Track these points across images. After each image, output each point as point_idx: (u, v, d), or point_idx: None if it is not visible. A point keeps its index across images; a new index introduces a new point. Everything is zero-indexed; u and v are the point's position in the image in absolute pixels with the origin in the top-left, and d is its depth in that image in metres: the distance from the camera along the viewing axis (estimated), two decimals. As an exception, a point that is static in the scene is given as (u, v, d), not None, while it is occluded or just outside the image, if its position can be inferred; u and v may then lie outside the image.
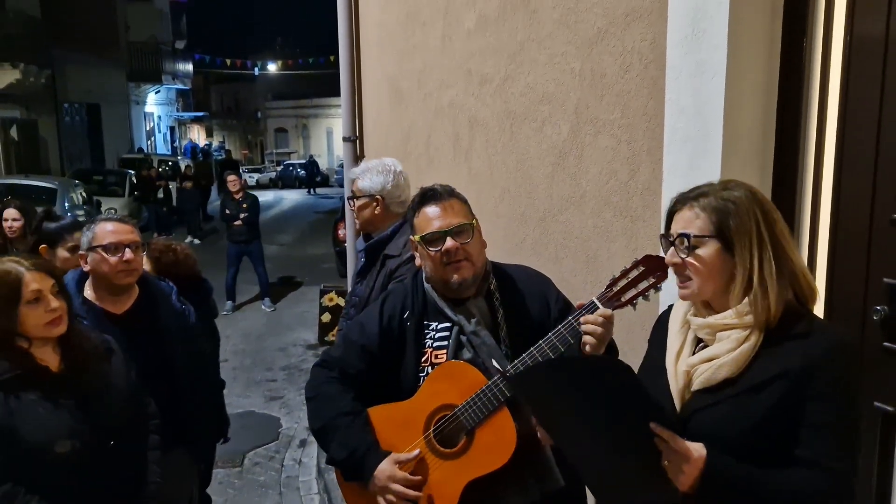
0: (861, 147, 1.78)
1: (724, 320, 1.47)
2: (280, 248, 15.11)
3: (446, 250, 1.98)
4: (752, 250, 1.45)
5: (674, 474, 1.38)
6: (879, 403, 1.82)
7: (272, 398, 6.34)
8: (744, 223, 1.45)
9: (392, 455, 1.97)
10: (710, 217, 1.48)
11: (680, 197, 1.56)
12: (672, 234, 1.54)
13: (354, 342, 2.18)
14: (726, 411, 1.45)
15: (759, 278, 1.44)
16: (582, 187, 2.61)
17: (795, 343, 1.42)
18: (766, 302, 1.43)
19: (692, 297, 1.54)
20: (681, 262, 1.51)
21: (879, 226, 1.76)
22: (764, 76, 1.96)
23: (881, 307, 1.77)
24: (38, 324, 2.08)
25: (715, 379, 1.46)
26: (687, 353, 1.55)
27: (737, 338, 1.45)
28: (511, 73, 2.93)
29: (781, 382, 1.40)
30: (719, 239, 1.47)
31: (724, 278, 1.48)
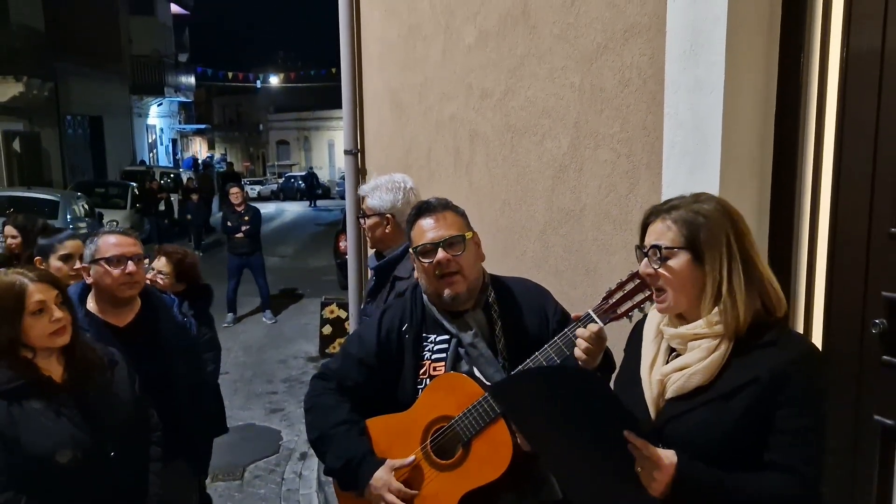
0: (859, 160, 1.79)
1: (695, 330, 1.52)
2: (281, 260, 15.13)
3: (437, 262, 2.00)
4: (722, 261, 1.50)
5: (646, 480, 1.42)
6: (879, 417, 1.82)
7: (273, 411, 6.33)
8: (714, 235, 1.50)
9: (388, 462, 1.99)
10: (682, 229, 1.52)
11: (653, 209, 1.61)
12: (646, 246, 1.59)
13: (352, 355, 2.19)
14: (699, 418, 1.49)
15: (727, 289, 1.49)
16: (582, 200, 2.62)
17: (764, 351, 1.46)
18: (736, 311, 1.48)
19: (668, 310, 1.59)
20: (653, 272, 1.56)
21: (878, 239, 1.77)
22: (761, 91, 1.98)
23: (880, 321, 1.78)
24: (43, 334, 2.09)
25: (687, 387, 1.51)
26: (661, 362, 1.60)
27: (707, 347, 1.49)
28: (511, 87, 2.95)
29: (751, 389, 1.45)
30: (690, 250, 1.52)
31: (695, 289, 1.53)
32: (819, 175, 1.92)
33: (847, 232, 1.84)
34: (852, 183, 1.81)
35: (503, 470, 1.88)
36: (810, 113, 1.94)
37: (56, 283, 2.17)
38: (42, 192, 13.52)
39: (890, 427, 1.80)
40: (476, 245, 2.12)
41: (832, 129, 1.89)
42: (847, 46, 1.83)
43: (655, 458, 1.40)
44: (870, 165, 1.78)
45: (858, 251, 1.81)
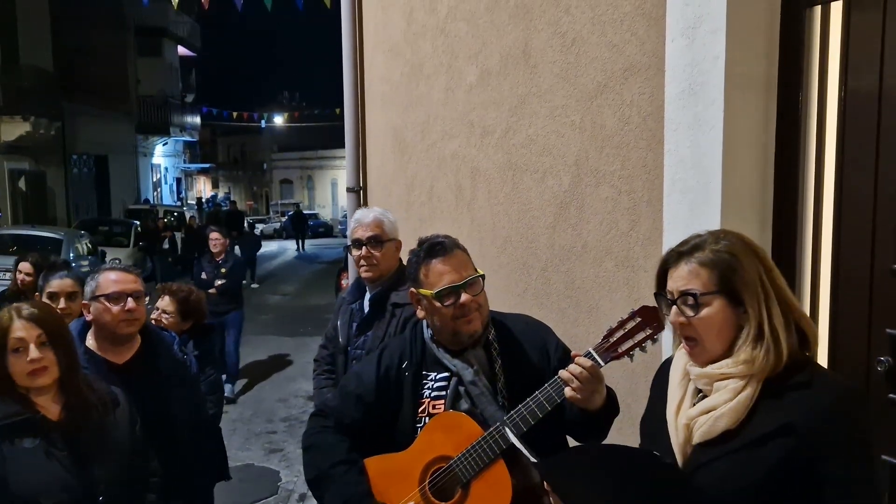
0: (859, 196, 1.80)
1: (721, 370, 1.43)
2: (283, 298, 15.14)
3: (461, 304, 1.98)
4: (760, 301, 1.41)
5: None
6: (887, 457, 1.79)
7: (272, 451, 6.24)
8: (748, 274, 1.42)
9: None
10: (712, 273, 1.44)
11: (672, 254, 1.52)
12: (671, 293, 1.49)
13: (351, 392, 2.17)
14: (727, 468, 1.40)
15: (770, 328, 1.40)
16: (583, 237, 2.62)
17: (798, 394, 1.38)
18: (779, 351, 1.40)
19: (702, 358, 1.49)
20: (686, 322, 1.47)
21: (880, 276, 1.77)
22: (761, 128, 2.00)
23: (885, 358, 1.76)
24: (21, 372, 2.07)
25: (714, 431, 1.42)
26: (687, 405, 1.51)
27: (734, 388, 1.41)
28: (512, 126, 2.98)
29: (786, 438, 1.36)
30: (725, 294, 1.43)
31: (731, 334, 1.44)
32: (820, 211, 1.92)
33: (849, 269, 1.83)
34: (853, 218, 1.81)
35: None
36: (810, 149, 1.95)
37: (44, 322, 2.12)
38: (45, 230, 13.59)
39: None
40: None
41: (832, 165, 1.90)
42: (845, 85, 1.85)
43: None
44: (870, 201, 1.78)
45: (861, 289, 1.80)
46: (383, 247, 2.93)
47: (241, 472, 5.70)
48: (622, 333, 1.78)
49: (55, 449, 2.10)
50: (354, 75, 4.43)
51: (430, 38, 3.63)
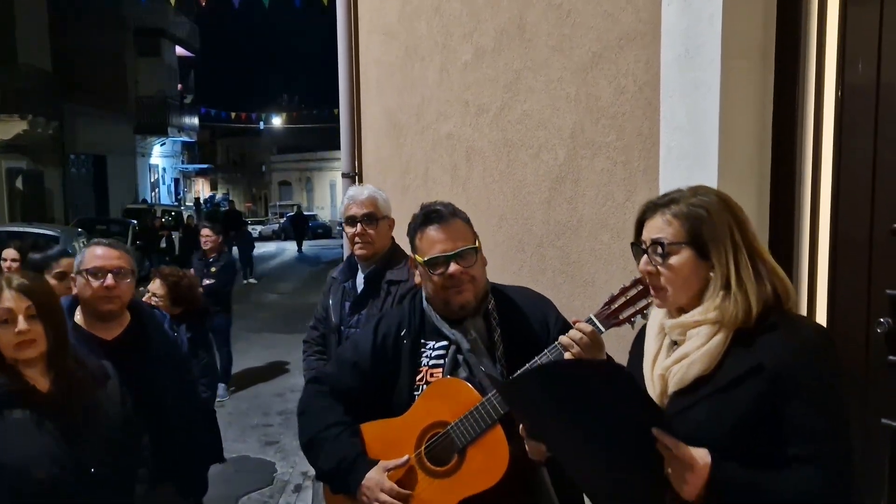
0: (859, 155, 1.77)
1: (694, 317, 1.46)
2: (280, 297, 15.15)
3: (450, 275, 1.95)
4: (728, 254, 1.45)
5: (677, 483, 1.34)
6: (887, 420, 1.76)
7: (268, 443, 6.21)
8: (717, 228, 1.46)
9: (380, 463, 1.93)
10: (683, 224, 1.48)
11: (650, 204, 1.56)
12: (644, 242, 1.53)
13: (347, 359, 2.15)
14: (703, 412, 1.42)
15: (736, 280, 1.43)
16: (579, 211, 2.59)
17: (766, 337, 1.40)
18: (747, 303, 1.42)
19: (668, 306, 1.53)
20: (654, 270, 1.50)
21: (880, 236, 1.74)
22: (758, 89, 1.97)
23: (885, 320, 1.73)
24: (8, 344, 2.03)
25: (688, 378, 1.44)
26: (662, 357, 1.53)
27: (706, 334, 1.44)
28: (507, 102, 2.95)
29: (757, 379, 1.38)
30: (693, 246, 1.47)
31: (698, 284, 1.48)
32: (819, 173, 1.89)
33: (848, 230, 1.80)
34: (852, 179, 1.79)
35: (499, 478, 1.82)
36: (808, 112, 1.92)
37: (33, 293, 2.09)
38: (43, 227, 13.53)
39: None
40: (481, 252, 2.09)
41: (830, 127, 1.87)
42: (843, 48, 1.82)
43: (688, 458, 1.32)
44: (870, 160, 1.75)
45: (861, 250, 1.77)
46: (378, 224, 2.91)
47: (236, 463, 5.67)
48: (624, 300, 1.78)
49: (46, 420, 2.06)
50: (349, 60, 4.41)
51: (425, 19, 3.61)
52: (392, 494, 1.88)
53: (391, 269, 2.91)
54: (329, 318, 3.08)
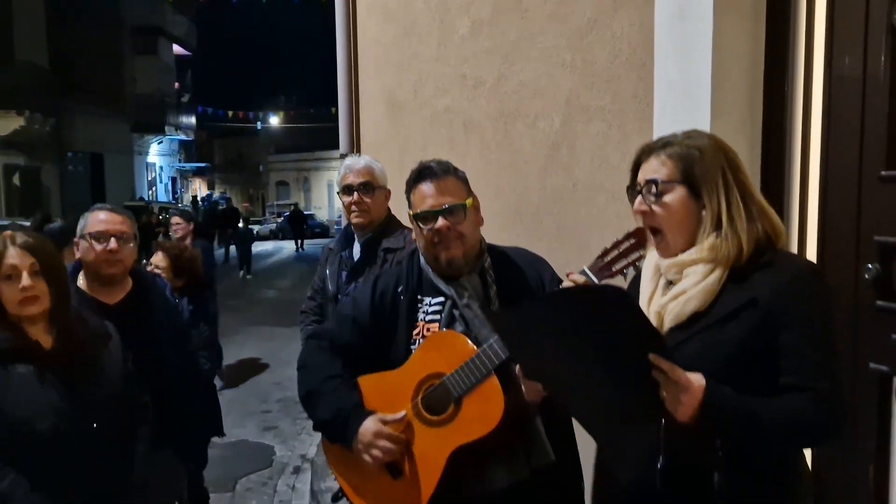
0: (848, 103, 1.81)
1: (691, 256, 1.50)
2: (279, 292, 15.20)
3: (437, 230, 1.99)
4: (720, 193, 1.49)
5: (672, 406, 1.37)
6: (874, 364, 1.80)
7: (266, 428, 6.23)
8: (709, 168, 1.50)
9: (377, 415, 1.95)
10: (677, 164, 1.52)
11: (645, 148, 1.61)
12: (639, 184, 1.57)
13: (346, 315, 2.19)
14: (698, 346, 1.47)
15: (728, 219, 1.48)
16: (574, 176, 2.63)
17: (761, 273, 1.45)
18: (738, 240, 1.47)
19: (663, 247, 1.57)
20: (648, 209, 1.55)
21: (868, 183, 1.78)
22: (750, 44, 2.01)
23: (872, 265, 1.77)
24: (13, 300, 2.07)
25: (684, 313, 1.49)
26: (658, 296, 1.58)
27: (702, 271, 1.48)
28: (504, 73, 2.99)
29: (751, 312, 1.43)
30: (685, 184, 1.51)
31: (692, 224, 1.52)
32: (808, 125, 1.94)
33: (837, 178, 1.84)
34: (842, 126, 1.83)
35: (494, 426, 1.84)
36: (798, 67, 1.96)
37: (37, 251, 2.12)
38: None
39: (886, 374, 1.78)
40: (476, 210, 2.12)
41: (820, 81, 1.91)
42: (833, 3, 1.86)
43: (683, 381, 1.35)
44: (858, 111, 1.79)
45: (849, 196, 1.81)
46: (374, 193, 2.95)
47: (235, 447, 5.70)
48: (617, 253, 1.80)
49: (49, 375, 2.10)
50: (347, 41, 4.45)
51: (423, -4, 3.65)
52: (390, 440, 1.92)
53: (387, 237, 2.95)
54: (326, 287, 3.11)
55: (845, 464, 1.86)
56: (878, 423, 1.80)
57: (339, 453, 2.11)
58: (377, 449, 1.92)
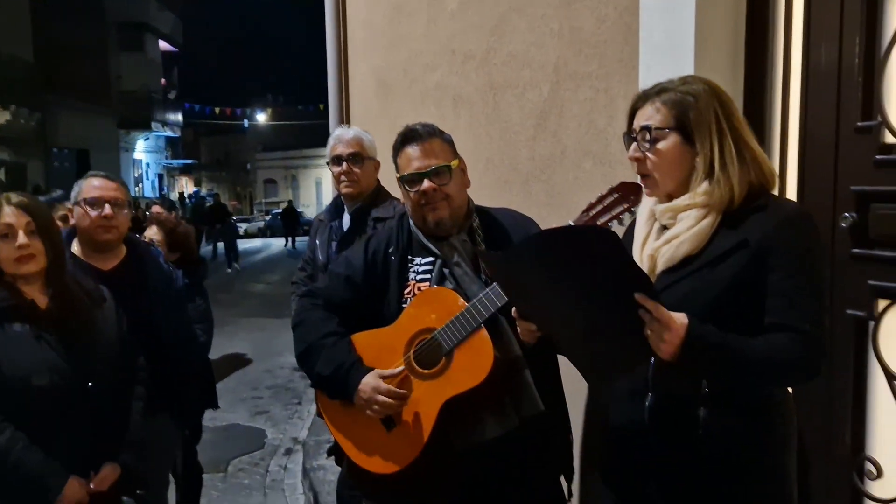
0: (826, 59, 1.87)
1: (685, 201, 1.54)
2: (267, 286, 15.23)
3: (423, 191, 2.04)
4: (713, 139, 1.52)
5: (655, 343, 1.41)
6: (851, 310, 1.86)
7: (258, 413, 6.26)
8: (703, 114, 1.53)
9: (376, 370, 2.00)
10: (671, 110, 1.55)
11: (642, 94, 1.64)
12: (634, 131, 1.61)
13: (339, 274, 2.23)
14: (689, 286, 1.50)
15: (720, 164, 1.51)
16: (563, 143, 2.69)
17: (753, 217, 1.49)
18: (730, 185, 1.50)
19: (657, 193, 1.61)
20: (642, 156, 1.58)
21: (845, 134, 1.84)
22: (732, 3, 2.07)
23: (849, 214, 1.83)
24: (8, 258, 2.09)
25: (677, 256, 1.53)
26: (652, 240, 1.62)
27: (696, 216, 1.52)
28: (493, 46, 3.04)
29: (741, 253, 1.47)
30: (679, 131, 1.54)
31: (684, 170, 1.56)
32: (788, 81, 2.00)
33: (816, 129, 1.90)
34: (819, 80, 1.89)
35: (484, 376, 1.89)
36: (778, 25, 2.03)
37: (33, 211, 2.15)
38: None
39: (862, 319, 1.84)
40: (462, 172, 2.17)
41: (799, 39, 1.97)
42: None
43: (666, 319, 1.38)
44: (835, 64, 1.85)
45: (827, 147, 1.88)
46: (363, 164, 2.99)
47: (227, 430, 5.74)
48: (601, 207, 1.84)
49: (45, 334, 2.12)
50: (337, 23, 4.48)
51: (413, -26, 3.69)
52: (389, 395, 1.96)
53: (377, 207, 3.00)
54: (316, 257, 3.15)
55: (824, 407, 1.92)
56: (854, 367, 1.86)
57: (334, 409, 2.15)
58: (378, 404, 1.96)
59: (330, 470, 4.31)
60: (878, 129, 1.77)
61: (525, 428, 1.97)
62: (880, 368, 1.80)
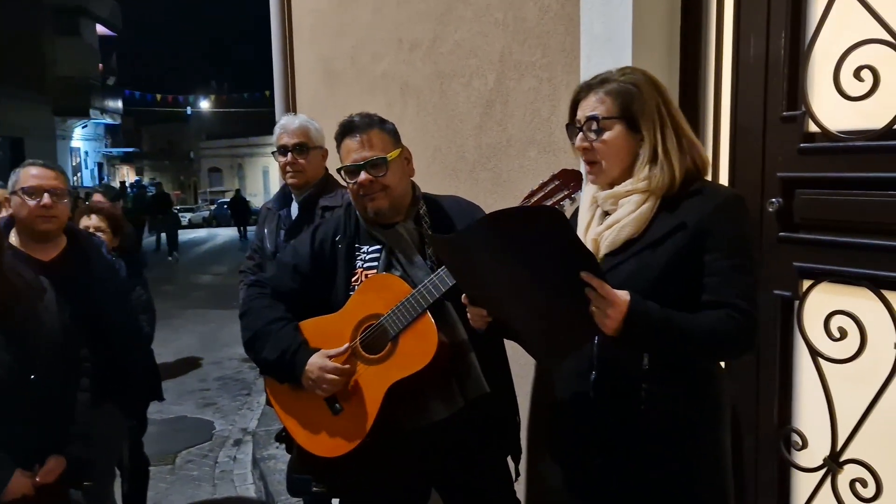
0: (754, 51, 1.96)
1: (626, 187, 1.62)
2: (215, 278, 14.98)
3: (360, 183, 2.06)
4: (656, 126, 1.60)
5: (600, 319, 1.47)
6: (778, 290, 1.97)
7: (206, 405, 6.20)
8: (646, 103, 1.60)
9: (322, 350, 2.03)
10: (615, 100, 1.62)
11: (584, 85, 1.70)
12: (579, 121, 1.66)
13: (287, 263, 2.24)
14: (631, 267, 1.58)
15: (663, 150, 1.59)
16: (508, 132, 2.74)
17: (690, 201, 1.58)
18: (672, 170, 1.59)
19: (602, 180, 1.67)
20: (589, 145, 1.64)
21: (772, 122, 1.94)
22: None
23: (776, 199, 1.93)
24: None
25: (619, 240, 1.60)
26: (595, 224, 1.69)
27: (637, 201, 1.60)
28: (439, 34, 3.07)
29: (680, 235, 1.55)
30: (624, 120, 1.61)
31: (629, 157, 1.63)
32: (720, 69, 2.09)
33: (745, 118, 2.00)
34: (749, 71, 1.98)
35: (429, 360, 1.93)
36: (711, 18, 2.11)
37: None
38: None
39: (788, 299, 1.95)
40: (406, 161, 2.19)
41: (730, 32, 2.06)
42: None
43: (611, 296, 1.44)
44: (763, 56, 1.95)
45: (755, 136, 1.97)
46: (309, 154, 2.99)
47: (174, 423, 5.67)
48: (542, 194, 1.89)
49: None
50: (282, 10, 4.43)
51: (359, -38, 3.68)
52: (336, 373, 1.99)
53: (325, 195, 3.00)
54: (265, 246, 3.14)
55: (753, 382, 2.03)
56: (780, 344, 1.97)
57: (283, 395, 2.17)
58: (325, 382, 1.99)
59: (280, 459, 4.31)
60: (802, 119, 1.87)
61: (472, 409, 2.03)
62: (804, 345, 1.91)
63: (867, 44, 1.70)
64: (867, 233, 1.74)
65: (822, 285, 1.86)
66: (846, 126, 1.78)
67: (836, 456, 1.86)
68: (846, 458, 1.84)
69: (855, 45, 1.72)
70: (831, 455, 1.87)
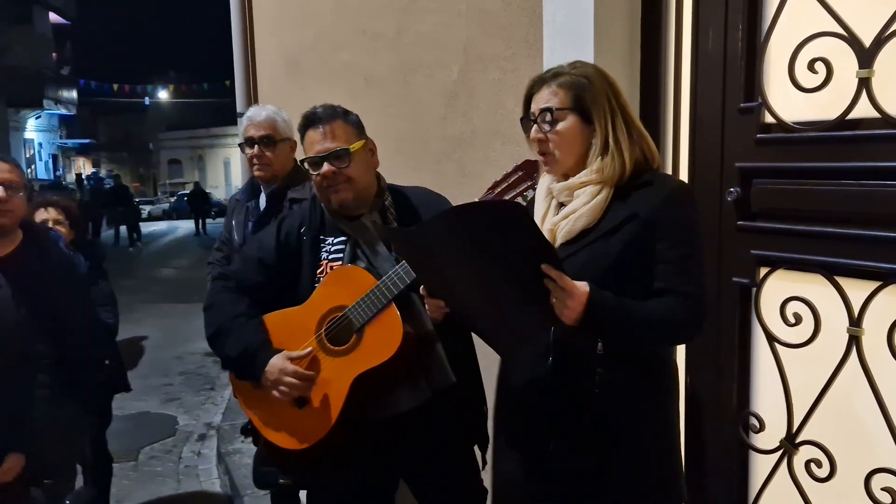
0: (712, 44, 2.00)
1: (580, 179, 1.66)
2: (176, 271, 14.75)
3: (323, 175, 2.06)
4: (607, 117, 1.65)
5: (560, 310, 1.51)
6: (737, 278, 2.02)
7: (169, 400, 6.12)
8: (598, 95, 1.65)
9: (284, 352, 2.01)
10: (568, 93, 1.66)
11: (537, 79, 1.74)
12: (533, 114, 1.70)
13: (252, 256, 2.22)
14: (585, 257, 1.62)
15: (614, 141, 1.64)
16: (473, 123, 2.75)
17: (641, 191, 1.63)
18: (622, 160, 1.63)
19: (556, 171, 1.72)
20: (544, 137, 1.68)
21: (730, 114, 1.98)
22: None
23: (734, 189, 1.98)
24: None
25: (574, 230, 1.64)
26: (551, 215, 1.73)
27: (591, 192, 1.64)
28: (403, 25, 3.06)
29: (632, 224, 1.60)
30: (577, 111, 1.66)
31: (582, 148, 1.67)
32: (680, 62, 2.13)
33: (704, 110, 2.04)
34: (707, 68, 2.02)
35: (394, 351, 1.93)
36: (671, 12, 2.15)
37: None
38: None
39: (746, 286, 2.00)
40: (370, 152, 2.19)
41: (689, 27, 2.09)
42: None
43: (570, 288, 1.48)
44: (721, 52, 1.99)
45: (714, 127, 2.01)
46: (276, 146, 2.95)
47: (137, 418, 5.59)
48: (506, 185, 1.90)
49: None
50: (242, 0, 4.38)
51: (320, -50, 3.64)
52: (296, 377, 1.98)
53: (293, 187, 2.97)
54: (233, 238, 3.11)
55: (713, 367, 2.08)
56: (739, 330, 2.02)
57: (247, 388, 2.15)
58: (284, 385, 1.97)
59: (246, 453, 4.28)
60: (758, 110, 1.91)
61: (439, 399, 2.04)
62: (762, 331, 1.96)
63: (820, 37, 1.75)
64: (821, 221, 1.80)
65: (779, 272, 1.92)
66: (801, 117, 1.83)
67: (791, 438, 1.92)
68: (802, 440, 1.90)
69: (809, 38, 1.77)
70: (787, 437, 1.93)
